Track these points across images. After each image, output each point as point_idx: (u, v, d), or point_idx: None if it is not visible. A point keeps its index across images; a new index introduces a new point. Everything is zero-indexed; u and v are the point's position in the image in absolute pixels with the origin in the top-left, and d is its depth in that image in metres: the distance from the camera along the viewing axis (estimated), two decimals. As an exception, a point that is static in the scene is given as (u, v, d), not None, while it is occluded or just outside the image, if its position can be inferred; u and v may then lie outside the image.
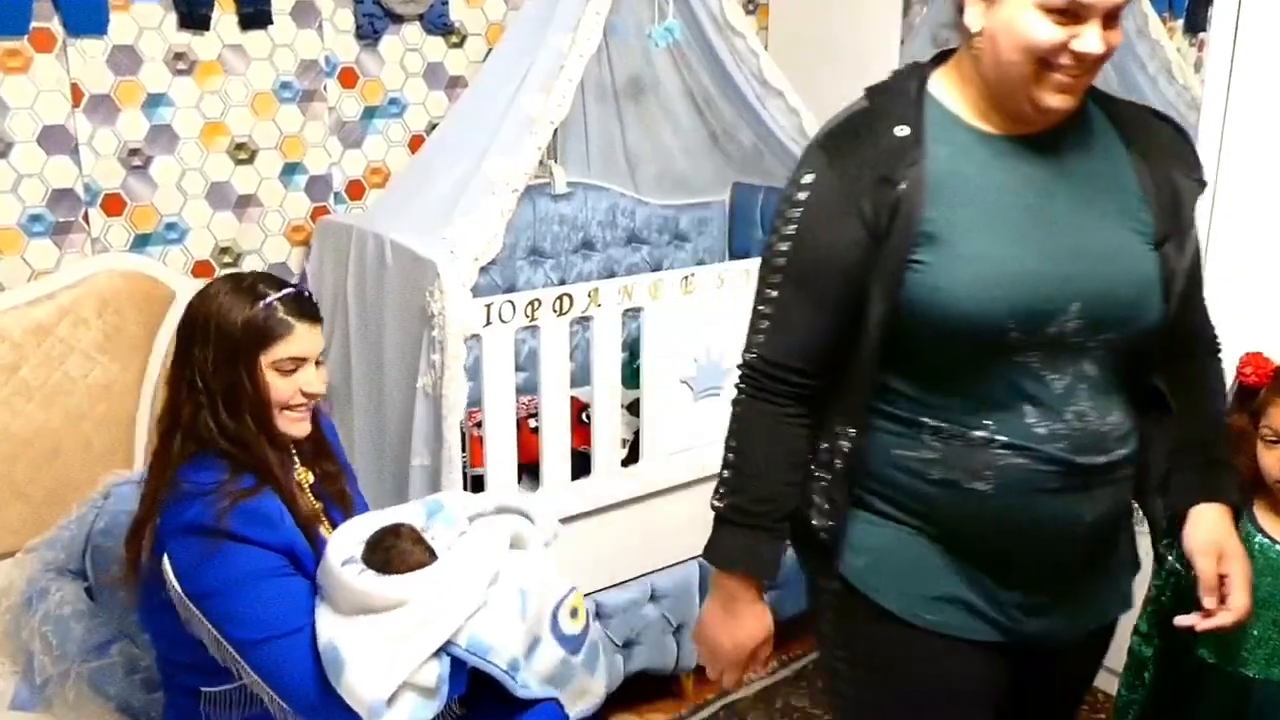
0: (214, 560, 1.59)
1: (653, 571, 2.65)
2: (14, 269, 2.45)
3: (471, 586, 1.65)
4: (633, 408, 2.67)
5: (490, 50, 3.00)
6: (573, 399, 2.53)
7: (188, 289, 2.58)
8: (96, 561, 2.14)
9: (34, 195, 2.44)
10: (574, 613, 1.79)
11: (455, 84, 2.99)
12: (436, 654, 1.60)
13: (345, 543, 1.67)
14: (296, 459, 1.81)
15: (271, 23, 2.66)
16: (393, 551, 1.67)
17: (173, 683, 1.78)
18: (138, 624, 2.03)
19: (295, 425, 1.73)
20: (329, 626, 1.60)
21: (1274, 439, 1.78)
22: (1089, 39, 1.29)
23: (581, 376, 2.74)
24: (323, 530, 1.77)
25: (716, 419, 2.74)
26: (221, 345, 1.65)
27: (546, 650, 1.75)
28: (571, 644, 1.78)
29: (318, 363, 1.74)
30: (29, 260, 2.46)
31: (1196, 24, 3.57)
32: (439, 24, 2.91)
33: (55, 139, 2.44)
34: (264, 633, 1.60)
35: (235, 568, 1.60)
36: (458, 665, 1.62)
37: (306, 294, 1.74)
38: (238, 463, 1.66)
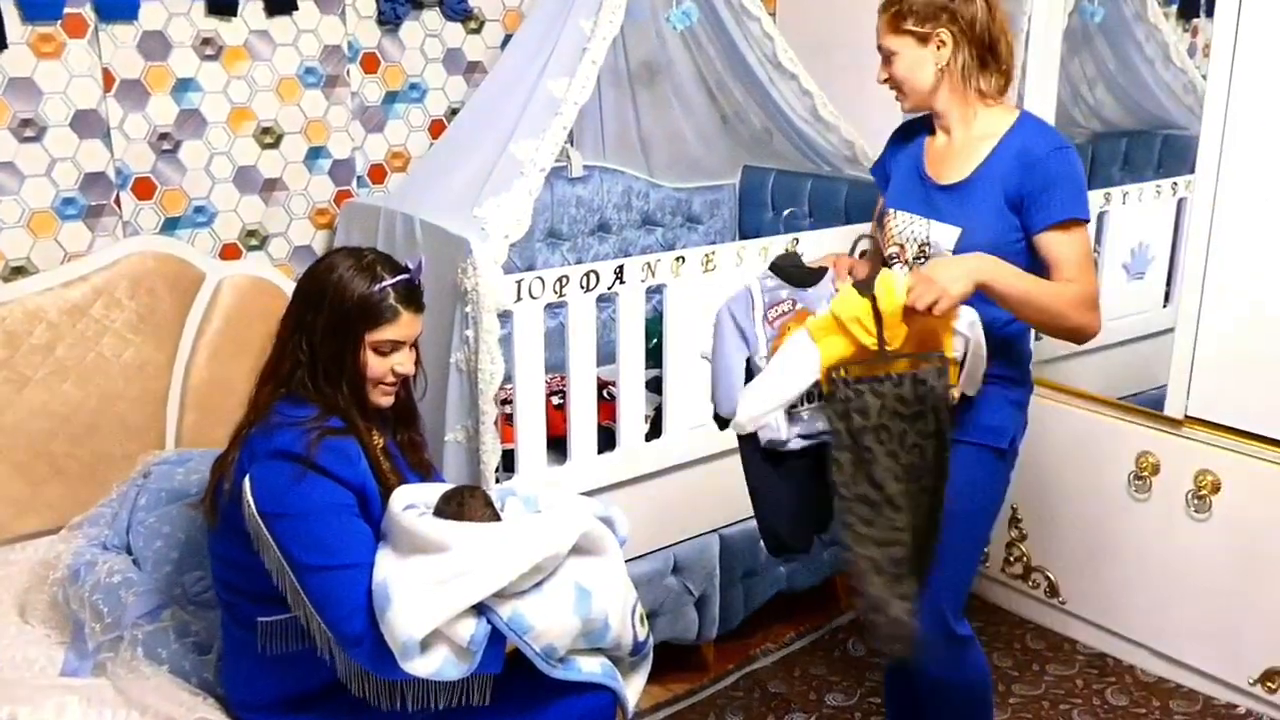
0: (296, 485, 1.68)
1: (674, 544, 2.71)
2: (48, 251, 2.49)
3: (516, 557, 1.69)
4: (649, 384, 2.73)
5: (507, 36, 3.06)
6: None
7: (217, 271, 2.64)
8: (140, 535, 2.20)
9: (67, 179, 2.49)
10: (643, 619, 1.88)
11: (474, 69, 3.04)
12: (476, 616, 1.67)
13: (409, 494, 1.77)
14: (377, 426, 1.89)
15: (296, 8, 2.70)
16: (464, 506, 1.76)
17: (233, 613, 1.85)
18: (187, 590, 2.10)
19: (383, 398, 1.84)
20: (385, 567, 1.68)
21: None
22: None
23: (600, 356, 2.79)
24: (393, 482, 1.85)
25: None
26: (333, 316, 1.76)
27: (612, 648, 1.83)
28: (639, 647, 1.89)
29: (412, 345, 1.83)
30: (62, 242, 2.51)
31: (1189, 10, 3.65)
32: (458, 9, 2.96)
33: (87, 123, 2.49)
34: (326, 560, 1.67)
35: (314, 497, 1.69)
36: (495, 640, 1.68)
37: (417, 283, 1.83)
38: (326, 407, 1.76)
